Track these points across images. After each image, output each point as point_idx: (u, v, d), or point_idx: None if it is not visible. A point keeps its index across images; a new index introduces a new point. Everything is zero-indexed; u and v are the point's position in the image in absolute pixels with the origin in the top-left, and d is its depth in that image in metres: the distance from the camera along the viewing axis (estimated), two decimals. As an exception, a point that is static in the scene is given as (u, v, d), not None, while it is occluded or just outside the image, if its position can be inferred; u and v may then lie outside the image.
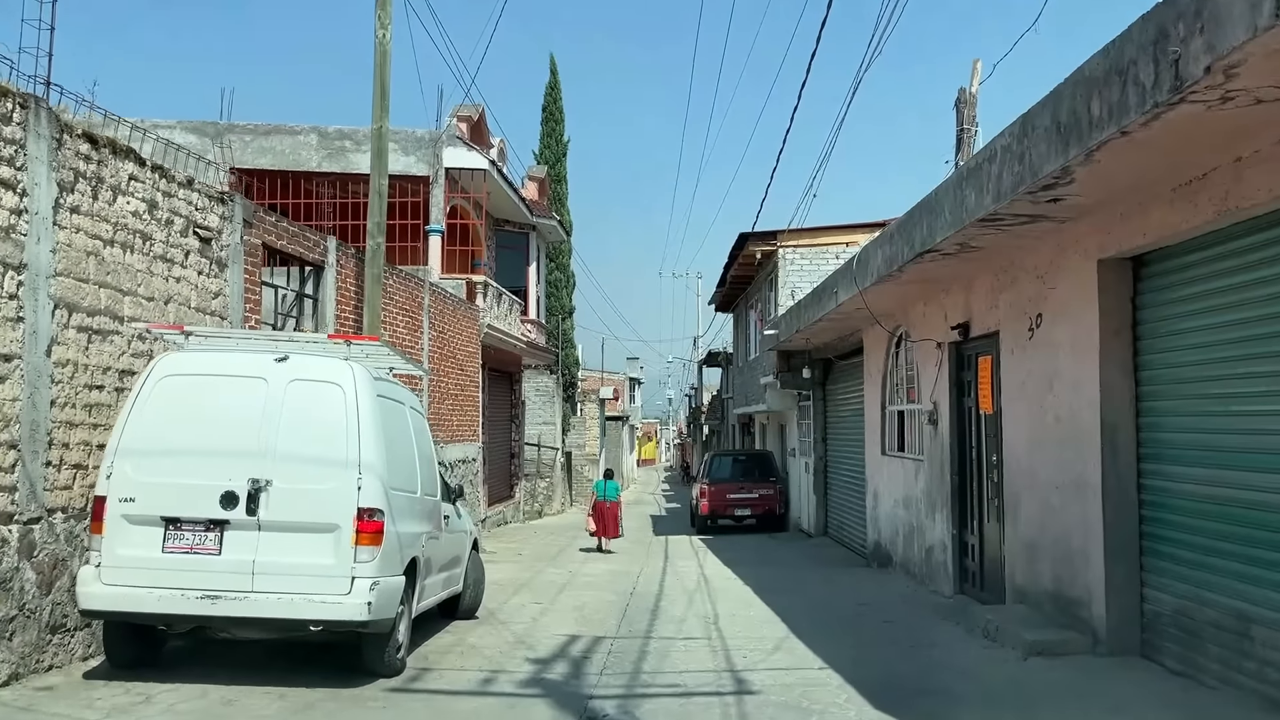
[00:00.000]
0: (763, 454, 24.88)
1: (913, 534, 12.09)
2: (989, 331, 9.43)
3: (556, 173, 33.90)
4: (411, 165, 19.26)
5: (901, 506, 12.63)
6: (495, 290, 20.18)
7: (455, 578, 9.24)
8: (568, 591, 12.22)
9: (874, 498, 14.24)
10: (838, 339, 16.42)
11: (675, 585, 12.86)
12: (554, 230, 25.63)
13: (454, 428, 16.88)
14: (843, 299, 11.60)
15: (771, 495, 22.88)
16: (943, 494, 10.81)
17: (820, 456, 19.46)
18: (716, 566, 15.31)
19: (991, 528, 9.62)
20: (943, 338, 10.74)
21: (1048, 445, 7.97)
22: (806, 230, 20.02)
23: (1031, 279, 8.29)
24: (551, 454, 32.25)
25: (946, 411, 10.69)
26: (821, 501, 19.51)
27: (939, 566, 11.00)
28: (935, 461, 11.08)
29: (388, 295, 13.54)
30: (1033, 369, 8.28)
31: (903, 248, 8.83)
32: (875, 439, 14.15)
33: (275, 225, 10.42)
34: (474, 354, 18.27)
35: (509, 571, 14.45)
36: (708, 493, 22.96)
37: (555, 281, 33.76)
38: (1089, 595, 7.24)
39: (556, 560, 16.49)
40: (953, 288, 10.31)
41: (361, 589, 6.38)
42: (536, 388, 33.14)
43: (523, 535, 21.82)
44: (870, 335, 14.27)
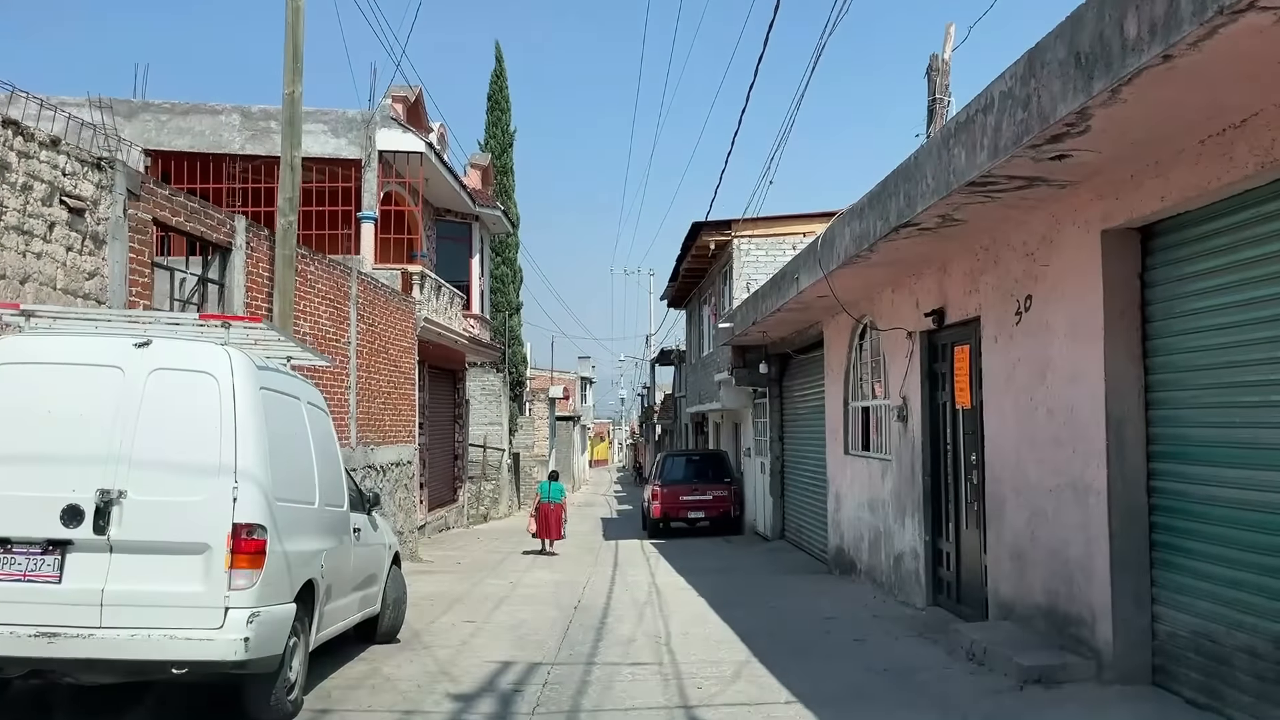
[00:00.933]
0: (717, 454, 23.96)
1: (879, 540, 11.19)
2: (967, 318, 8.53)
3: (502, 164, 32.71)
4: (342, 148, 18.02)
5: (867, 510, 11.73)
6: (433, 282, 19.00)
7: (371, 597, 8.12)
8: (506, 606, 11.13)
9: (836, 500, 13.34)
10: (796, 332, 15.51)
11: (624, 597, 11.83)
12: (498, 221, 24.48)
13: (386, 428, 15.69)
14: (805, 285, 10.66)
15: (726, 497, 21.96)
16: (913, 497, 9.91)
17: (777, 456, 18.56)
18: (669, 575, 14.31)
19: (970, 534, 8.72)
20: (914, 326, 9.84)
21: (1039, 443, 7.07)
22: (762, 220, 19.11)
23: (1019, 257, 7.39)
24: (498, 455, 31.06)
25: (918, 407, 9.79)
26: (778, 503, 18.62)
27: (909, 576, 10.10)
28: (905, 461, 10.18)
29: (308, 283, 12.34)
30: (1021, 358, 7.38)
31: (875, 223, 7.89)
32: (837, 437, 13.25)
33: (170, 199, 9.20)
34: (409, 349, 17.09)
35: (444, 583, 13.31)
36: (660, 495, 21.97)
37: (501, 276, 32.56)
38: (1091, 614, 6.34)
39: (498, 569, 15.38)
40: (925, 271, 9.41)
41: (237, 622, 5.25)
42: (482, 386, 31.94)
43: (465, 541, 20.65)
44: (831, 327, 13.36)
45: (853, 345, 12.61)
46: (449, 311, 20.58)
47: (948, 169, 6.26)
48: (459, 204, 22.77)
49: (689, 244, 20.77)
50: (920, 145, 7.16)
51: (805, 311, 12.87)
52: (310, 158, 18.02)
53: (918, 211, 6.91)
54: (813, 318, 13.57)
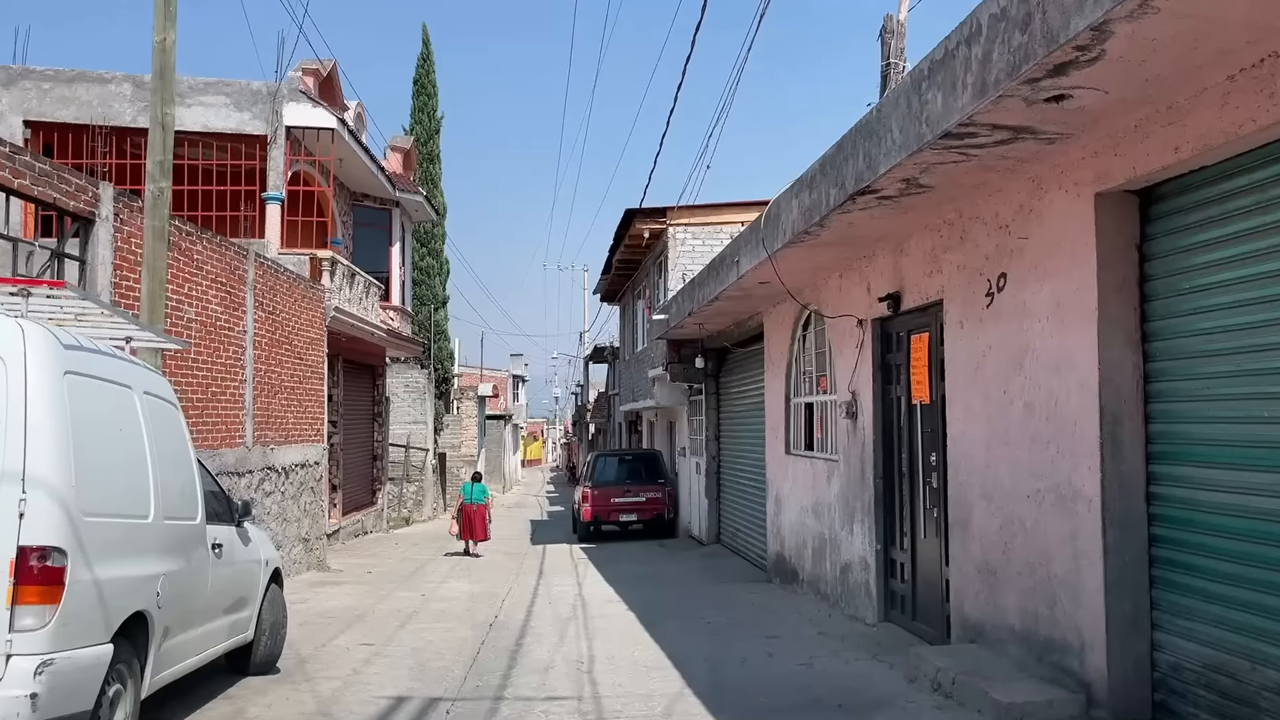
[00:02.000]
0: (650, 454, 22.97)
1: (825, 547, 10.27)
2: (927, 302, 7.63)
3: (429, 150, 31.34)
4: (246, 123, 16.58)
5: (810, 514, 10.81)
6: (346, 269, 17.66)
7: (242, 623, 6.91)
8: (412, 625, 9.96)
9: (776, 503, 12.41)
10: (734, 324, 14.57)
11: (546, 613, 10.73)
12: (421, 208, 23.15)
13: (289, 427, 14.35)
14: (746, 268, 9.69)
15: (660, 499, 20.99)
16: (863, 501, 9.01)
17: (713, 456, 17.63)
18: (597, 585, 13.25)
19: (929, 544, 7.82)
20: (865, 314, 8.94)
21: (1015, 442, 6.17)
22: (699, 208, 18.17)
23: (992, 230, 6.49)
24: (421, 456, 29.67)
25: (869, 403, 8.88)
26: (714, 506, 17.69)
27: (858, 588, 9.19)
28: (854, 462, 9.27)
29: (194, 264, 11.01)
30: (993, 345, 6.48)
31: (827, 192, 6.92)
32: (778, 436, 12.32)
33: (12, 158, 7.86)
34: (317, 341, 15.76)
35: (348, 597, 12.07)
36: (590, 497, 20.91)
37: (427, 268, 31.18)
38: (1080, 640, 5.44)
39: (411, 580, 14.16)
40: (880, 252, 8.50)
41: (20, 673, 4.05)
42: (406, 383, 30.51)
43: (381, 548, 19.33)
44: (772, 317, 12.44)
45: (795, 337, 11.69)
46: (365, 302, 19.24)
47: (919, 119, 5.31)
48: (378, 189, 21.41)
49: (622, 233, 19.74)
50: (885, 95, 6.22)
51: (745, 300, 11.92)
52: (211, 133, 16.60)
53: (879, 174, 5.95)
54: (753, 307, 12.63)
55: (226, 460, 11.91)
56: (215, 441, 11.63)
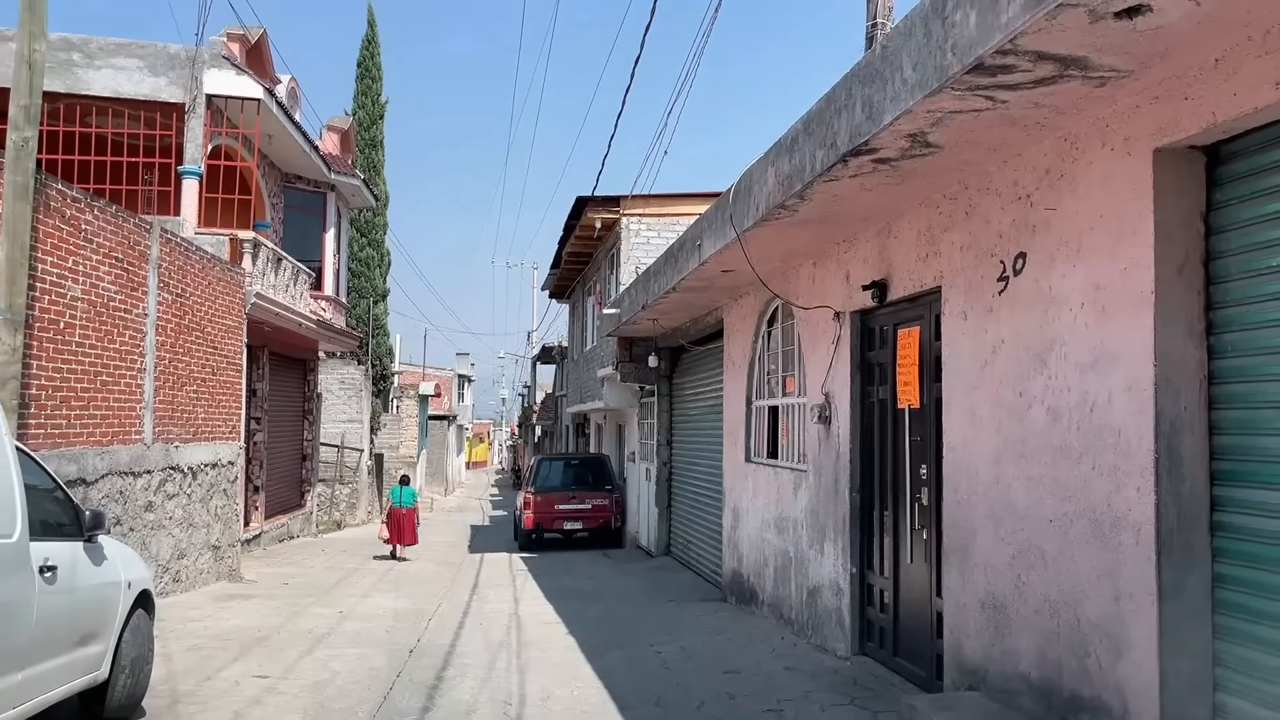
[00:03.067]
0: (597, 458, 21.83)
1: (789, 567, 9.22)
2: (921, 290, 6.60)
3: (371, 136, 29.93)
4: (161, 89, 15.15)
5: (773, 530, 9.76)
6: (271, 253, 16.26)
7: (92, 660, 5.64)
8: (321, 650, 8.71)
9: (734, 515, 11.35)
10: (691, 320, 13.50)
11: (476, 636, 9.54)
12: (359, 193, 21.77)
13: (199, 422, 12.96)
14: (709, 253, 8.60)
15: (606, 506, 19.86)
16: (837, 517, 7.96)
17: (664, 462, 16.54)
18: (536, 602, 12.07)
19: (916, 571, 6.78)
20: (843, 305, 7.90)
21: (1035, 455, 5.14)
22: (655, 197, 17.10)
23: (1008, 202, 5.47)
24: (356, 456, 28.20)
25: (845, 407, 7.84)
26: (665, 515, 16.59)
27: (828, 615, 8.14)
28: (826, 473, 8.23)
29: (82, 235, 9.64)
30: (1006, 339, 5.45)
31: (813, 154, 5.85)
32: (737, 442, 11.26)
33: None
34: (234, 329, 14.37)
35: (255, 614, 10.75)
36: (533, 503, 19.71)
37: (366, 259, 29.74)
38: (1122, 703, 4.42)
39: (332, 593, 12.86)
40: (863, 234, 7.47)
41: None
42: (341, 380, 29.03)
43: (306, 554, 17.94)
44: (734, 312, 11.38)
45: (759, 333, 10.64)
46: (293, 290, 17.84)
47: (941, 47, 4.24)
48: (311, 170, 20.01)
49: (572, 223, 18.58)
50: (894, 25, 5.17)
51: (705, 292, 10.84)
52: (122, 99, 15.16)
53: (882, 125, 4.88)
54: (712, 300, 11.56)
55: (119, 458, 10.54)
56: (105, 437, 10.26)
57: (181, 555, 12.41)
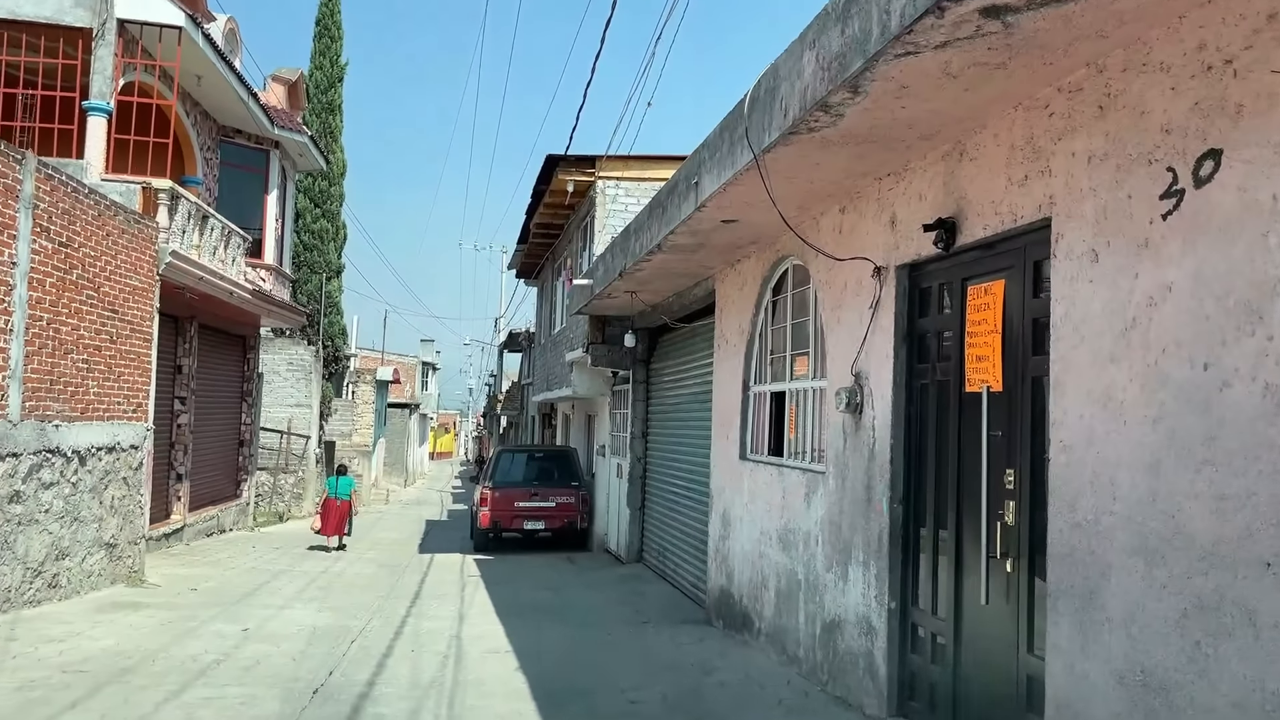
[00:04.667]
0: (563, 451, 19.93)
1: (797, 592, 7.38)
2: (1014, 228, 4.75)
3: (329, 100, 27.82)
4: (65, 10, 13.04)
5: (776, 544, 7.92)
6: (193, 208, 14.19)
7: None
8: (196, 690, 6.75)
9: (724, 523, 9.50)
10: (675, 294, 11.63)
11: (403, 671, 7.63)
12: (306, 152, 19.68)
13: (88, 398, 10.92)
14: (710, 191, 6.71)
15: (572, 504, 17.97)
16: (869, 534, 6.13)
17: (639, 458, 14.67)
18: (484, 620, 10.15)
19: (993, 614, 4.95)
20: (885, 258, 6.06)
21: (1234, 460, 3.32)
22: (635, 158, 15.20)
23: (1183, 79, 3.63)
24: (303, 443, 26.09)
25: (886, 390, 6.00)
26: (638, 517, 14.73)
27: (853, 660, 6.30)
28: (854, 476, 6.39)
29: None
30: (1176, 284, 3.63)
31: (885, 9, 3.98)
32: (730, 435, 9.41)
33: None
34: (143, 291, 12.31)
35: (137, 632, 8.76)
36: (490, 499, 17.77)
37: (320, 231, 27.63)
38: None
39: (246, 602, 10.88)
40: (916, 162, 5.63)
41: None
42: (289, 360, 26.88)
43: (234, 551, 15.89)
44: (730, 281, 9.52)
45: (762, 304, 8.79)
46: (223, 253, 15.77)
47: None
48: (252, 124, 17.92)
49: (542, 187, 16.62)
50: None
51: (696, 254, 8.97)
52: (19, 21, 13.03)
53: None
54: (703, 266, 9.69)
55: (-34, 439, 8.53)
56: (-53, 412, 8.24)
57: (62, 556, 10.37)
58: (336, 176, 28.06)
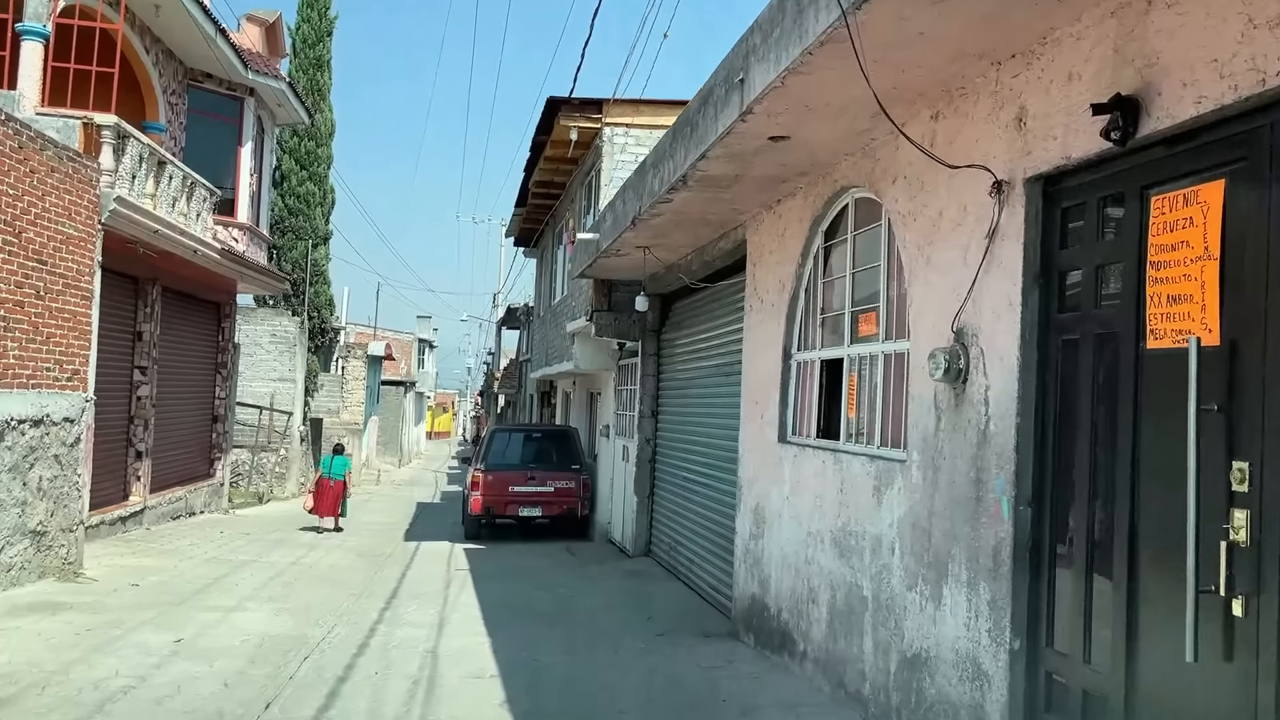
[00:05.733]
0: (562, 431, 18.31)
1: (861, 611, 5.78)
2: (1266, 92, 3.10)
3: (316, 56, 26.09)
4: (-5, -83, 11.33)
5: (829, 548, 6.31)
6: (147, 151, 12.52)
7: None
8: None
9: (756, 518, 7.89)
10: (695, 249, 9.99)
11: (360, 700, 6.04)
12: (285, 101, 17.96)
13: (5, 361, 9.30)
14: (767, 83, 5.03)
15: (572, 490, 16.39)
16: (978, 543, 4.52)
17: (648, 439, 13.07)
18: (468, 630, 8.57)
19: (1208, 676, 3.33)
20: (1009, 169, 4.42)
21: None
22: (646, 103, 13.52)
23: None
24: (284, 420, 24.49)
25: (1011, 349, 4.38)
26: (646, 506, 13.13)
27: (951, 713, 4.70)
28: (953, 464, 4.77)
29: None
30: None
31: None
32: (766, 414, 7.79)
33: None
34: (81, 242, 10.67)
35: (38, 645, 7.15)
36: (483, 483, 16.20)
37: (306, 195, 25.94)
38: None
39: (190, 601, 9.30)
40: (1067, 26, 3.99)
41: None
42: (273, 332, 25.25)
43: (200, 537, 14.30)
44: (767, 227, 7.88)
45: (810, 251, 7.15)
46: (184, 206, 14.10)
47: None
48: (223, 67, 16.21)
49: (542, 139, 14.93)
50: None
51: (729, 190, 7.31)
52: (-58, -70, 11.30)
53: None
54: (733, 211, 8.03)
55: None
56: None
57: (-28, 547, 8.79)
58: (324, 137, 26.35)
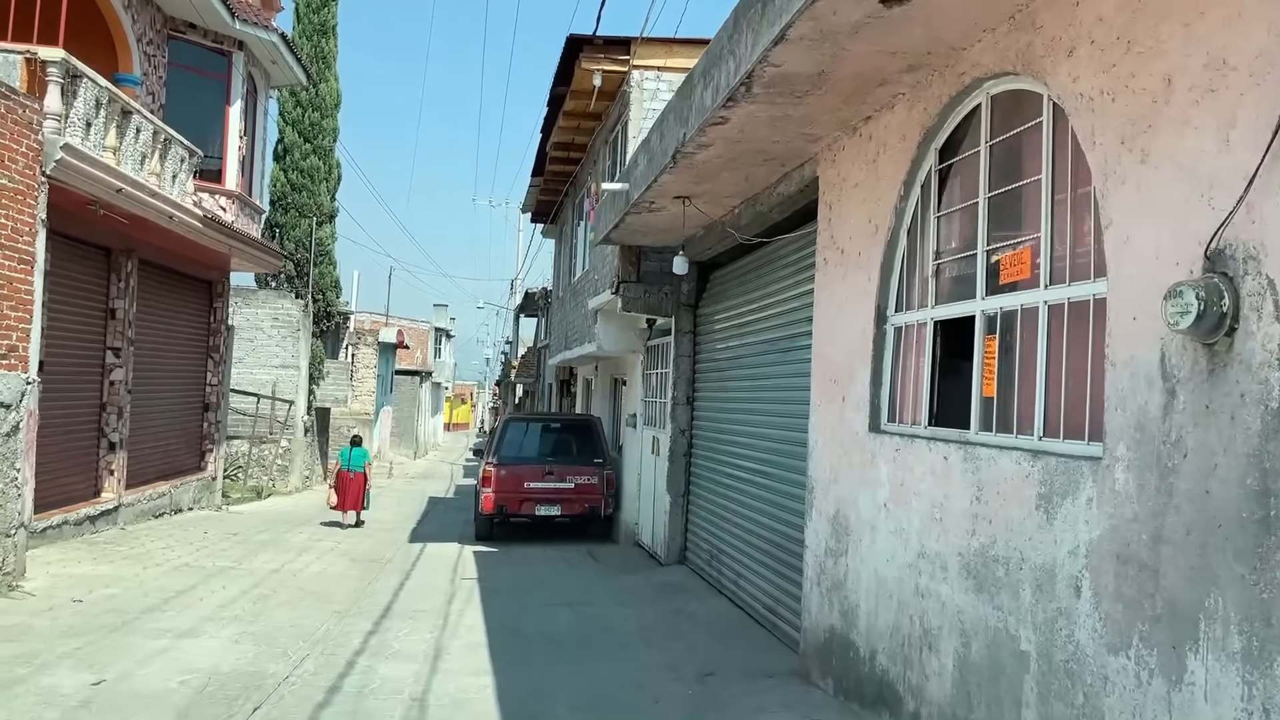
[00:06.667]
0: (584, 421, 16.56)
1: (1018, 673, 4.02)
2: None
3: (320, 21, 24.41)
4: None
5: (956, 577, 4.56)
6: (105, 96, 10.85)
7: None
8: None
9: (837, 529, 6.13)
10: (747, 200, 8.22)
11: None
12: (279, 57, 16.29)
13: (-89, 333, 7.67)
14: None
15: (594, 486, 14.69)
16: (1264, 591, 2.75)
17: (682, 429, 11.34)
18: (469, 662, 6.85)
19: None
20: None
21: None
22: (681, 42, 11.72)
23: None
24: (286, 409, 22.91)
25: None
26: (680, 505, 11.41)
27: None
28: (1198, 466, 3.02)
29: None
30: None
31: None
32: (849, 394, 6.02)
33: None
34: (17, 195, 9.02)
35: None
36: (495, 478, 14.52)
37: (310, 170, 24.30)
38: None
39: (140, 622, 7.66)
40: None
41: None
42: (275, 315, 23.67)
43: (174, 540, 12.68)
44: (851, 156, 6.10)
45: (918, 178, 5.37)
46: (157, 165, 12.46)
47: None
48: (209, 17, 14.57)
49: (561, 90, 13.16)
50: None
51: (804, 99, 5.54)
52: None
53: None
54: (807, 133, 6.25)
55: None
56: None
57: None
58: (329, 108, 24.70)
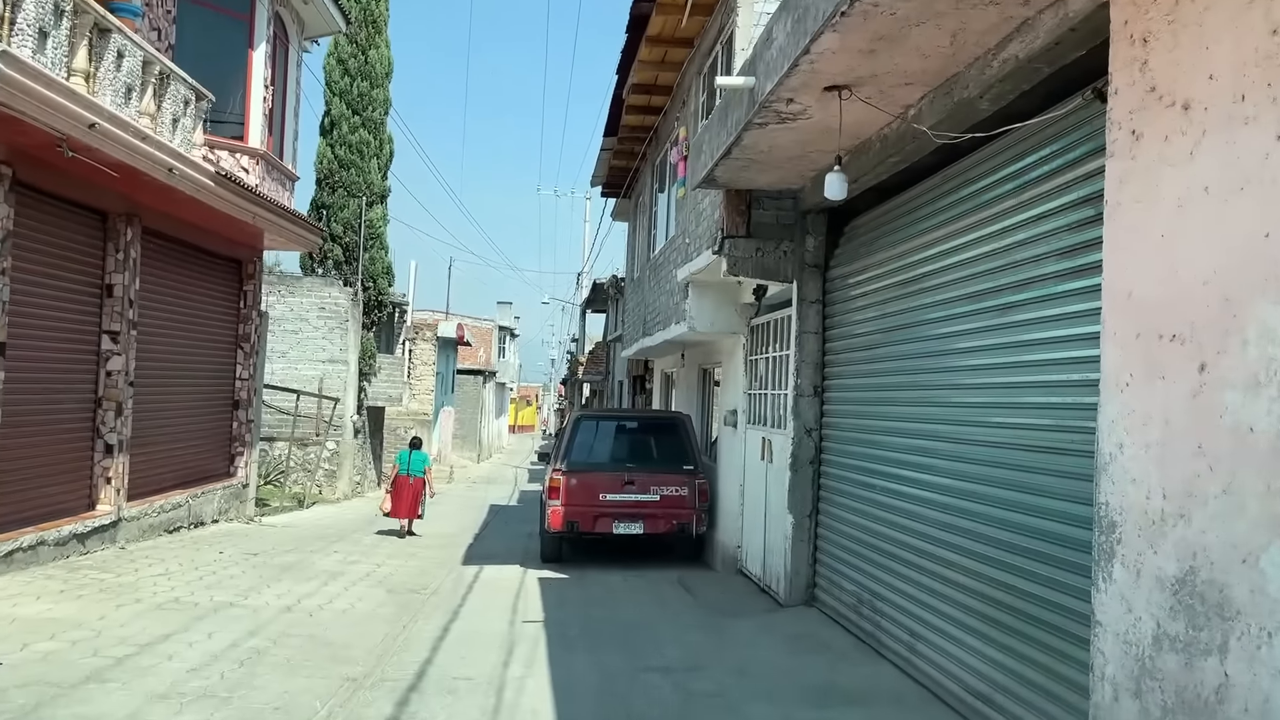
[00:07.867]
0: (669, 419, 13.81)
1: None
2: None
3: (370, -20, 22.20)
4: None
5: None
6: (68, 4, 8.53)
7: None
8: None
9: (1196, 605, 3.39)
10: (945, 82, 5.51)
11: None
12: None
13: None
14: None
15: (685, 499, 12.06)
16: None
17: (809, 427, 8.65)
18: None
19: None
20: None
21: None
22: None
23: None
24: (332, 407, 20.71)
25: None
26: (808, 529, 8.70)
27: None
28: None
29: None
30: None
31: None
32: (1226, 358, 3.28)
33: None
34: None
35: None
36: (564, 489, 11.98)
37: (359, 145, 22.11)
38: None
39: (54, 707, 5.20)
40: None
41: None
42: (321, 305, 21.50)
43: (174, 564, 10.32)
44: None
45: None
46: (151, 105, 10.17)
47: None
48: (225, -59, 12.32)
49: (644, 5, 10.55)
50: None
51: None
52: None
53: None
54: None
55: None
56: None
57: None
58: (380, 77, 22.51)
